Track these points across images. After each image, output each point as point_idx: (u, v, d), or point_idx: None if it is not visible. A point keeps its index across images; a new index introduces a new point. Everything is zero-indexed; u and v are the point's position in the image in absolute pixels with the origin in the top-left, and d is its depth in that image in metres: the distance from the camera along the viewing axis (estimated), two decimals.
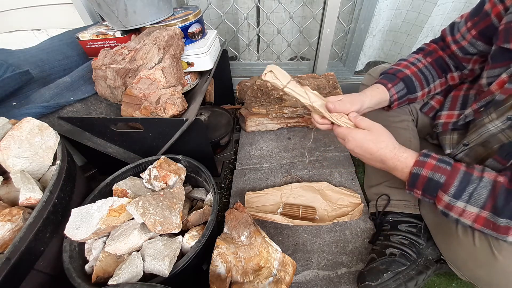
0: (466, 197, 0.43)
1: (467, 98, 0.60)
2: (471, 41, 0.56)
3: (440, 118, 0.64)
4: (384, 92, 0.61)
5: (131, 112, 0.69)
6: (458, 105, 0.61)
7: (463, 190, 0.43)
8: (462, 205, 0.43)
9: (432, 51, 0.63)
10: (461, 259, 0.54)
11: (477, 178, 0.43)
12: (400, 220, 0.67)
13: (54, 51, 0.82)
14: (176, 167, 0.65)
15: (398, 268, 0.59)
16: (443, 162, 0.46)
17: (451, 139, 0.60)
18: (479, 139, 0.52)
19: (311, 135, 1.02)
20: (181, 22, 0.77)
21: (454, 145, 0.59)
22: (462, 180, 0.43)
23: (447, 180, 0.44)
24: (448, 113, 0.62)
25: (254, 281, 0.54)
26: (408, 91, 0.62)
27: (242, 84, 1.12)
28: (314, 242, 0.72)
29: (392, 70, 0.63)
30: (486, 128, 0.49)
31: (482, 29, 0.53)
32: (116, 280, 0.44)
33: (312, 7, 1.13)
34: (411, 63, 0.63)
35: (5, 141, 0.49)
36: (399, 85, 0.61)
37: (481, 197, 0.42)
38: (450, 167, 0.45)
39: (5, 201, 0.49)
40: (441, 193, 0.45)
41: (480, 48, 0.55)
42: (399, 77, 0.61)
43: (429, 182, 0.46)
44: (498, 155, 0.48)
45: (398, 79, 0.61)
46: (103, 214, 0.49)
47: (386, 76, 0.63)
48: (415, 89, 0.62)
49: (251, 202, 0.81)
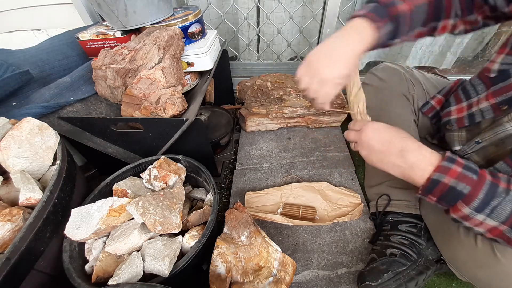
0: (488, 211, 0.39)
1: (466, 86, 0.56)
2: None
3: (451, 114, 0.59)
4: (372, 33, 0.44)
5: (131, 112, 0.69)
6: (461, 96, 0.57)
7: (487, 204, 0.39)
8: (482, 218, 0.40)
9: None
10: (461, 260, 0.54)
11: (504, 191, 0.38)
12: (401, 220, 0.67)
13: (54, 51, 0.82)
14: (176, 167, 0.65)
15: (398, 268, 0.59)
16: (469, 170, 0.40)
17: (459, 135, 0.57)
18: (494, 138, 0.48)
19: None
20: (181, 22, 0.77)
21: (464, 141, 0.55)
22: (488, 192, 0.39)
23: (472, 192, 0.39)
24: (457, 107, 0.58)
25: (254, 281, 0.54)
26: (394, 35, 0.47)
27: (242, 84, 1.11)
28: (314, 242, 0.72)
29: (385, 0, 0.46)
30: (504, 127, 0.46)
31: None
32: (116, 280, 0.44)
33: (312, 7, 1.13)
34: None
35: (5, 141, 0.49)
36: (388, 26, 0.45)
37: (505, 212, 0.38)
38: (476, 176, 0.40)
39: (5, 201, 0.49)
40: (461, 204, 0.41)
41: (498, 3, 0.44)
42: (391, 14, 0.45)
43: (450, 191, 0.41)
44: (510, 158, 0.45)
45: (389, 18, 0.45)
46: (103, 214, 0.49)
47: (377, 9, 0.45)
48: (397, 35, 0.47)
49: (251, 202, 0.81)
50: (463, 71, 1.28)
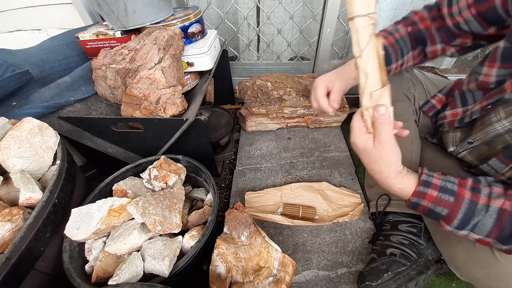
0: (470, 227, 0.41)
1: (465, 94, 0.58)
2: (468, 19, 0.50)
3: (446, 118, 0.62)
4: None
5: (131, 112, 0.69)
6: (458, 102, 0.59)
7: (467, 222, 0.41)
8: (466, 232, 0.42)
9: (415, 22, 0.58)
10: (460, 260, 0.54)
11: (483, 207, 0.40)
12: (401, 220, 0.67)
13: (54, 51, 0.82)
14: (176, 167, 0.65)
15: (398, 268, 0.59)
16: (445, 192, 0.42)
17: (454, 136, 0.59)
18: (485, 137, 0.50)
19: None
20: (181, 22, 0.77)
21: (458, 142, 0.58)
22: (466, 212, 0.40)
23: (450, 214, 0.41)
24: (452, 112, 0.60)
25: (254, 281, 0.54)
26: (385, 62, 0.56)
27: (242, 84, 1.11)
28: (314, 242, 0.72)
29: None
30: (493, 127, 0.48)
31: (483, 11, 0.47)
32: (116, 280, 0.44)
33: (312, 7, 1.13)
34: (388, 33, 0.59)
35: (5, 141, 0.49)
36: None
37: (486, 227, 0.40)
38: (453, 198, 0.41)
39: (5, 201, 0.49)
40: (443, 223, 0.43)
41: (473, 29, 0.50)
42: None
43: (430, 212, 0.43)
44: (503, 155, 0.47)
45: None
46: (103, 214, 0.49)
47: None
48: (390, 61, 0.58)
49: (251, 202, 0.81)
50: (463, 71, 1.28)
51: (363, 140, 0.43)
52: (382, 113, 0.39)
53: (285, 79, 1.08)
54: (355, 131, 0.44)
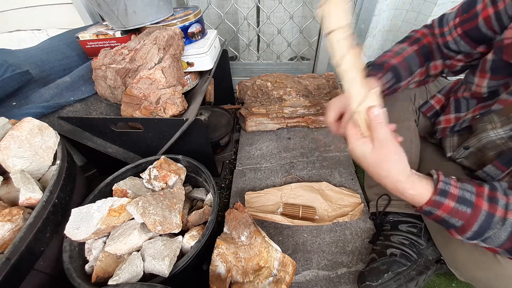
0: (483, 238, 0.39)
1: (460, 101, 0.60)
2: (455, 39, 0.53)
3: (440, 123, 0.63)
4: (374, 83, 0.57)
5: (131, 112, 0.69)
6: (452, 108, 0.61)
7: (481, 235, 0.39)
8: (476, 241, 0.40)
9: (419, 38, 0.61)
10: (461, 261, 0.54)
11: (500, 220, 0.37)
12: (401, 220, 0.67)
13: (54, 51, 0.82)
14: (176, 167, 0.65)
15: (398, 268, 0.59)
16: (463, 203, 0.39)
17: (451, 141, 0.60)
18: (478, 144, 0.51)
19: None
20: (181, 22, 0.77)
21: (455, 147, 0.59)
22: (482, 224, 0.38)
23: (464, 226, 0.39)
24: (445, 118, 0.62)
25: (254, 281, 0.54)
26: (396, 80, 0.60)
27: (242, 84, 1.11)
28: (314, 242, 0.72)
29: (379, 61, 0.61)
30: (487, 134, 0.49)
31: (467, 30, 0.50)
32: (116, 280, 0.44)
33: (312, 7, 1.13)
34: (396, 53, 0.61)
35: (5, 141, 0.49)
36: (388, 75, 0.59)
37: (499, 239, 0.38)
38: (470, 210, 0.38)
39: (5, 201, 0.49)
40: (454, 232, 0.41)
41: (461, 48, 0.53)
42: (386, 67, 0.59)
43: (444, 221, 0.41)
44: (498, 161, 0.47)
45: (386, 70, 0.58)
46: (103, 214, 0.49)
47: (373, 67, 0.60)
48: (401, 78, 0.60)
49: (251, 202, 0.81)
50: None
51: (360, 144, 0.41)
52: (377, 114, 0.39)
53: (285, 79, 1.08)
54: (351, 138, 0.42)
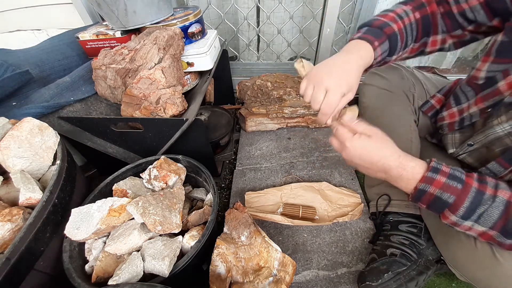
0: (475, 218, 0.40)
1: (457, 92, 0.58)
2: (474, 7, 0.47)
3: (444, 119, 0.61)
4: (369, 52, 0.50)
5: (131, 112, 0.69)
6: (452, 101, 0.59)
7: (473, 211, 0.40)
8: (470, 224, 0.41)
9: (424, 4, 0.54)
10: (461, 260, 0.54)
11: (490, 197, 0.39)
12: (401, 220, 0.67)
13: (54, 51, 0.82)
14: (176, 167, 0.65)
15: (398, 268, 0.59)
16: (454, 179, 0.41)
17: (453, 138, 0.59)
18: (485, 140, 0.50)
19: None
20: (181, 22, 0.77)
21: (457, 144, 0.57)
22: (473, 200, 0.39)
23: (457, 201, 0.40)
24: (448, 113, 0.60)
25: (254, 281, 0.54)
26: (390, 52, 0.53)
27: (242, 84, 1.11)
28: (314, 242, 0.72)
29: (378, 22, 0.52)
30: (494, 130, 0.47)
31: (491, 0, 0.45)
32: (116, 280, 0.44)
33: (312, 7, 1.13)
34: (398, 16, 0.53)
35: (5, 141, 0.49)
36: (385, 44, 0.51)
37: (491, 218, 0.39)
38: (461, 185, 0.40)
39: (5, 201, 0.49)
40: (448, 212, 0.42)
41: (479, 19, 0.48)
42: (386, 33, 0.51)
43: (436, 201, 0.42)
44: (502, 158, 0.47)
45: (385, 36, 0.51)
46: (103, 214, 0.49)
47: (370, 30, 0.51)
48: (394, 52, 0.53)
49: (251, 202, 0.81)
50: (463, 71, 1.28)
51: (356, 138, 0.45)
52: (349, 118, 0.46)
53: (285, 79, 1.08)
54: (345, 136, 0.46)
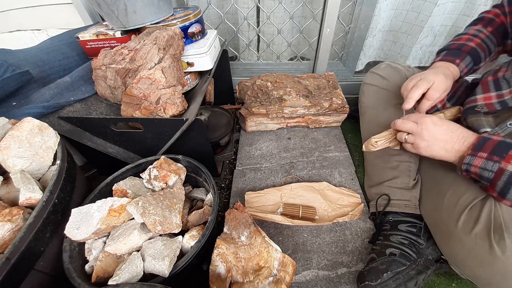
0: None
1: (499, 81, 0.58)
2: None
3: (477, 101, 0.60)
4: (454, 69, 0.61)
5: (131, 112, 0.69)
6: (492, 87, 0.59)
7: None
8: None
9: (492, 19, 0.62)
10: (461, 258, 0.54)
11: None
12: (400, 220, 0.67)
13: (54, 51, 0.82)
14: (176, 167, 0.65)
15: (398, 268, 0.59)
16: (508, 139, 0.45)
17: (487, 120, 0.58)
18: None
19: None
20: (181, 22, 0.77)
21: (493, 125, 0.57)
22: None
23: None
24: (485, 96, 0.59)
25: (254, 281, 0.54)
26: (475, 63, 0.62)
27: (242, 84, 1.11)
28: (314, 242, 0.72)
29: (455, 45, 0.62)
30: None
31: None
32: (116, 280, 0.44)
33: (312, 7, 1.13)
34: (473, 35, 0.62)
35: (5, 141, 0.49)
36: (467, 59, 0.61)
37: None
38: None
39: (5, 201, 0.49)
40: (504, 164, 0.43)
41: None
42: (464, 51, 0.61)
43: (496, 150, 0.45)
44: None
45: (465, 53, 0.61)
46: (103, 214, 0.49)
47: (449, 52, 0.62)
48: (480, 60, 0.62)
49: (251, 202, 0.81)
50: None
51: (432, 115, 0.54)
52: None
53: (285, 79, 1.08)
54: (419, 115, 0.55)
